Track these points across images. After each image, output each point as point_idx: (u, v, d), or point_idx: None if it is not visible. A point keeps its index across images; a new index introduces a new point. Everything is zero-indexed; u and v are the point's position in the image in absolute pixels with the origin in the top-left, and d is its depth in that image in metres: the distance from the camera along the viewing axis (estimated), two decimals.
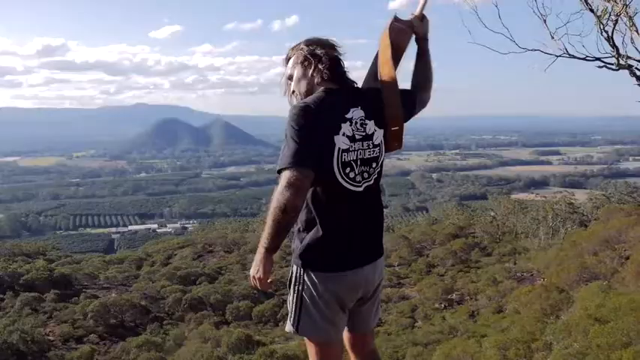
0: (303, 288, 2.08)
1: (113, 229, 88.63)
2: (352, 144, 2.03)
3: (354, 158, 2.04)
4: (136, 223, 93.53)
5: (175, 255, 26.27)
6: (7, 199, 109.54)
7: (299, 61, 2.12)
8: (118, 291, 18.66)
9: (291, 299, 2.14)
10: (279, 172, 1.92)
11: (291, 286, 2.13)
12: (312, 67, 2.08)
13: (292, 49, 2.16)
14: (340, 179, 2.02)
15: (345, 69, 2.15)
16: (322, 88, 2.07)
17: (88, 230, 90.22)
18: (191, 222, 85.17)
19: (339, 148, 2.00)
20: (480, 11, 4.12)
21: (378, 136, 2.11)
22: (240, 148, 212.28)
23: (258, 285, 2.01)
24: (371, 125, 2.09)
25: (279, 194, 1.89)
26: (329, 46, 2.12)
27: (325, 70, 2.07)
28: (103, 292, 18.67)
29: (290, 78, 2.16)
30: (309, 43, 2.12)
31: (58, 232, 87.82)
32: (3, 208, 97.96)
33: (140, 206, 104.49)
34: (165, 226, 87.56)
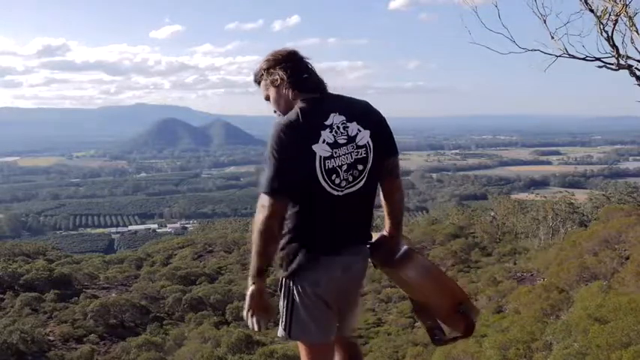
0: (291, 293, 2.10)
1: (113, 229, 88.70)
2: (335, 150, 2.02)
3: (340, 164, 2.03)
4: (136, 223, 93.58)
5: (175, 255, 26.28)
6: (7, 199, 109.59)
7: (270, 83, 2.13)
8: (118, 291, 18.66)
9: (281, 304, 2.15)
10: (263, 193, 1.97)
11: (281, 292, 2.14)
12: (283, 85, 2.09)
13: (258, 71, 2.17)
14: (326, 186, 2.01)
15: (317, 74, 2.14)
16: (299, 100, 2.07)
17: (88, 230, 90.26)
18: (191, 222, 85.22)
19: (321, 157, 1.99)
20: (480, 11, 4.12)
21: (363, 136, 2.08)
22: (240, 148, 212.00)
23: (255, 325, 2.06)
24: (353, 127, 2.07)
25: (256, 218, 1.97)
26: (292, 57, 2.13)
27: (295, 84, 2.08)
28: (103, 292, 18.66)
29: (267, 99, 2.19)
30: (273, 61, 2.13)
31: (58, 232, 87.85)
32: (3, 208, 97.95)
33: (140, 206, 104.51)
34: (165, 226, 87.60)
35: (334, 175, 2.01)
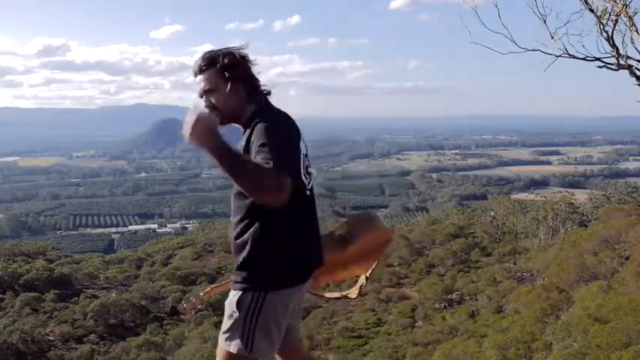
0: (261, 310, 1.94)
1: (113, 229, 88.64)
2: (307, 152, 2.01)
3: (307, 165, 2.00)
4: (136, 223, 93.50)
5: (175, 255, 26.27)
6: (7, 199, 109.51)
7: (224, 76, 1.94)
8: (118, 291, 18.67)
9: (242, 321, 1.95)
10: (277, 169, 1.69)
11: (243, 309, 1.96)
12: (242, 83, 1.95)
13: (208, 60, 1.97)
14: (307, 186, 1.98)
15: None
16: (255, 103, 1.98)
17: (88, 230, 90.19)
18: (191, 222, 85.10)
19: (303, 154, 1.96)
20: (480, 11, 4.12)
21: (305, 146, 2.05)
22: None
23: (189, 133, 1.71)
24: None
25: (270, 182, 1.66)
26: (249, 59, 1.99)
27: (255, 86, 1.99)
28: (103, 292, 18.68)
29: (208, 92, 1.96)
30: (238, 56, 1.96)
31: (58, 232, 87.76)
32: (3, 208, 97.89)
33: (140, 206, 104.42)
34: (165, 226, 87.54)
35: (308, 177, 1.99)
